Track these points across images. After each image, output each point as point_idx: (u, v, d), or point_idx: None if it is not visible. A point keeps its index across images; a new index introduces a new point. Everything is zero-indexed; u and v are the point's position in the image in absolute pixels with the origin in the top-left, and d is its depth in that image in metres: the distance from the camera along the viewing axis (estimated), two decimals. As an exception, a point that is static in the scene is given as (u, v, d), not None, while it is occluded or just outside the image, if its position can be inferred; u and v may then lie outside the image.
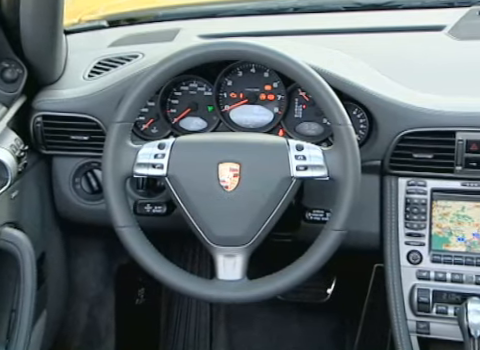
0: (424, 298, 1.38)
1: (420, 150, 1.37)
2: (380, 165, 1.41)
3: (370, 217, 1.45)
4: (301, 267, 1.24)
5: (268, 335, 2.06)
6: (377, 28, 1.68)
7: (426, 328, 1.40)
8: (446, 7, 1.73)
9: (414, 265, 1.41)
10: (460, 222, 1.38)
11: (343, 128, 1.23)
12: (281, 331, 2.05)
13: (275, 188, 1.23)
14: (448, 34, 1.59)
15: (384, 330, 1.45)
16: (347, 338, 1.97)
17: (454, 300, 1.37)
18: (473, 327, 1.27)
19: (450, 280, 1.38)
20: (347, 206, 1.22)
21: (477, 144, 1.33)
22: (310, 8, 1.83)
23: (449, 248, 1.39)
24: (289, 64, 1.24)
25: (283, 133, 1.50)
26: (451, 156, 1.35)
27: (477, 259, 1.37)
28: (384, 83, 1.43)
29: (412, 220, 1.41)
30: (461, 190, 1.38)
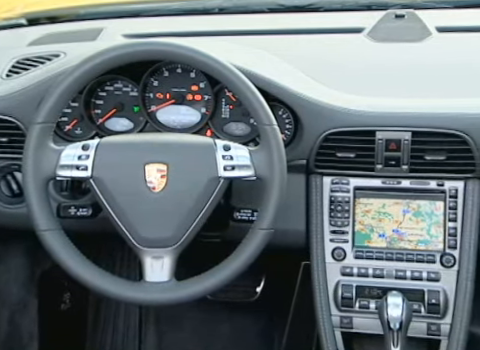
0: (348, 294, 1.42)
1: (343, 149, 1.40)
2: (306, 164, 1.43)
3: (296, 216, 1.47)
4: (229, 267, 1.25)
5: (198, 336, 2.06)
6: (300, 30, 1.72)
7: (349, 323, 1.43)
8: (365, 10, 1.79)
9: (338, 262, 1.44)
10: (381, 219, 1.43)
11: (269, 128, 1.24)
12: (211, 331, 2.05)
13: (203, 188, 1.23)
14: (367, 36, 1.64)
15: (311, 326, 1.48)
16: (275, 335, 1.99)
17: (375, 295, 1.41)
18: (392, 320, 1.31)
19: (372, 275, 1.42)
20: (273, 205, 1.23)
21: (396, 143, 1.37)
22: (235, 9, 1.84)
23: (371, 244, 1.43)
24: (214, 64, 1.24)
25: (211, 133, 1.50)
26: (372, 155, 1.39)
27: (397, 254, 1.42)
28: (308, 84, 1.45)
29: (336, 218, 1.44)
30: (381, 188, 1.42)
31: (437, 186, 1.40)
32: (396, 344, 1.30)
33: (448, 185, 1.39)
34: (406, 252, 1.41)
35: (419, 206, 1.40)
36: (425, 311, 1.39)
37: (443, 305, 1.39)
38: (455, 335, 1.39)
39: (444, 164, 1.37)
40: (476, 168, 1.36)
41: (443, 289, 1.39)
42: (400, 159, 1.37)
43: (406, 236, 1.41)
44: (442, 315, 1.39)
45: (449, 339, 1.39)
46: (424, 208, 1.40)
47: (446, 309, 1.39)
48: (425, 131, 1.36)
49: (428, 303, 1.39)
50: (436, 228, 1.40)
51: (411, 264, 1.41)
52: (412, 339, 1.38)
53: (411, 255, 1.41)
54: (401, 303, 1.33)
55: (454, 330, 1.39)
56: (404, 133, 1.36)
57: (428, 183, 1.40)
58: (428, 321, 1.40)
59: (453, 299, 1.39)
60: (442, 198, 1.40)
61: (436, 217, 1.40)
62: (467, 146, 1.34)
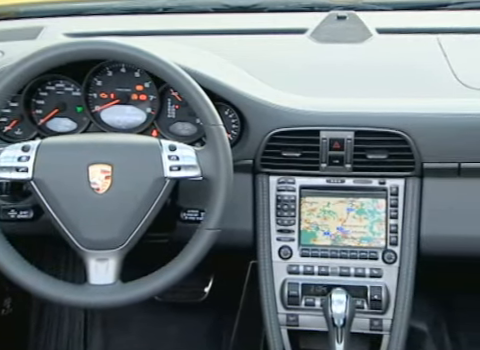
0: (294, 292, 1.43)
1: (289, 149, 1.41)
2: (252, 164, 1.44)
3: (243, 215, 1.47)
4: (176, 267, 1.24)
5: (145, 337, 2.04)
6: (244, 30, 1.72)
7: (295, 320, 1.45)
8: (307, 11, 1.81)
9: (285, 260, 1.46)
10: (326, 217, 1.45)
11: (215, 128, 1.24)
12: (158, 332, 2.04)
13: (148, 189, 1.22)
14: (310, 37, 1.66)
15: (259, 325, 1.49)
16: (224, 334, 2.00)
17: (321, 292, 1.43)
18: (336, 317, 1.33)
19: (317, 273, 1.44)
20: (220, 205, 1.24)
21: (339, 142, 1.39)
22: (179, 9, 1.83)
23: (316, 242, 1.45)
24: (158, 64, 1.23)
25: (157, 133, 1.49)
26: (316, 154, 1.41)
27: (341, 252, 1.44)
28: (253, 84, 1.46)
29: (283, 217, 1.45)
30: (326, 186, 1.44)
31: (379, 184, 1.43)
32: (340, 340, 1.33)
33: (389, 183, 1.43)
34: (350, 249, 1.44)
35: (362, 204, 1.43)
36: (368, 307, 1.42)
37: (385, 301, 1.41)
38: (396, 330, 1.42)
39: (385, 163, 1.40)
40: (415, 166, 1.40)
41: (385, 285, 1.42)
42: (343, 158, 1.40)
43: (350, 234, 1.44)
44: (384, 311, 1.42)
45: (390, 334, 1.42)
46: (367, 206, 1.43)
47: (388, 305, 1.42)
48: (367, 130, 1.38)
49: (371, 299, 1.41)
50: (378, 225, 1.43)
51: (355, 261, 1.43)
52: (355, 335, 1.40)
53: (355, 252, 1.43)
54: (345, 300, 1.35)
55: (395, 325, 1.42)
56: (347, 133, 1.38)
57: (370, 181, 1.43)
58: (371, 317, 1.42)
59: (394, 295, 1.42)
60: (384, 196, 1.43)
61: (378, 215, 1.43)
62: (407, 145, 1.38)
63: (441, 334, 1.88)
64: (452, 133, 1.37)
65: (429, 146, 1.38)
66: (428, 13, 1.74)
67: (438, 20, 1.69)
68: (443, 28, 1.63)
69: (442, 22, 1.67)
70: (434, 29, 1.62)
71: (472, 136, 1.37)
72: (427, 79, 1.48)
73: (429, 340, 1.84)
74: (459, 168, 1.39)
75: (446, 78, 1.47)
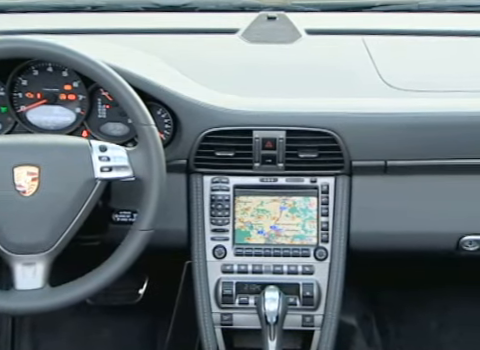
0: (228, 291, 1.44)
1: (222, 148, 1.42)
2: (186, 164, 1.43)
3: (177, 215, 1.46)
4: (108, 270, 1.22)
5: (76, 342, 2.00)
6: (176, 29, 1.71)
7: (229, 319, 1.45)
8: (238, 11, 1.82)
9: (219, 259, 1.46)
10: (259, 216, 1.46)
11: (146, 128, 1.23)
12: (91, 337, 2.00)
13: (78, 191, 1.20)
14: (241, 37, 1.67)
15: (194, 325, 1.48)
16: (158, 336, 1.98)
17: (254, 290, 1.44)
18: (269, 314, 1.34)
19: (251, 271, 1.45)
20: (153, 206, 1.23)
21: (272, 142, 1.41)
22: (108, 7, 1.80)
23: (250, 241, 1.46)
24: (86, 63, 1.21)
25: (87, 134, 1.46)
26: (250, 153, 1.42)
27: (274, 250, 1.45)
28: (186, 84, 1.46)
29: (217, 216, 1.45)
30: (260, 185, 1.46)
31: (310, 183, 1.45)
32: (273, 337, 1.34)
33: (320, 181, 1.45)
34: (283, 247, 1.45)
35: (295, 202, 1.45)
36: (300, 304, 1.44)
37: (316, 297, 1.44)
38: (327, 325, 1.45)
39: (316, 161, 1.42)
40: (345, 165, 1.43)
41: (316, 282, 1.45)
42: (276, 157, 1.41)
43: (283, 232, 1.46)
44: (315, 307, 1.44)
45: (322, 329, 1.45)
46: (299, 204, 1.45)
47: (319, 301, 1.44)
48: (298, 130, 1.40)
49: (303, 296, 1.43)
50: (310, 223, 1.45)
51: (288, 259, 1.45)
52: (288, 331, 1.42)
53: (288, 250, 1.45)
54: (278, 297, 1.36)
55: (326, 320, 1.44)
56: (279, 132, 1.40)
57: (302, 180, 1.45)
58: (303, 313, 1.44)
59: (325, 291, 1.45)
60: (315, 194, 1.45)
61: (310, 212, 1.45)
62: (336, 144, 1.41)
63: (370, 328, 1.93)
64: (378, 132, 1.41)
65: (357, 145, 1.41)
66: (354, 15, 1.79)
67: (364, 22, 1.73)
68: (369, 29, 1.67)
69: (368, 24, 1.71)
70: (360, 30, 1.67)
71: (397, 135, 1.41)
72: (354, 79, 1.52)
73: (359, 334, 1.88)
74: (385, 166, 1.43)
75: (372, 78, 1.51)
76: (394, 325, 1.94)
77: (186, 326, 1.76)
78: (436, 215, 1.47)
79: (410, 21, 1.72)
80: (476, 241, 1.48)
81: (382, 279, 1.93)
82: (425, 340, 1.90)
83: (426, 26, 1.67)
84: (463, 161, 1.43)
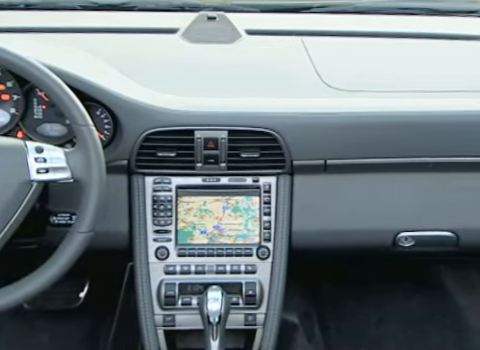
0: (171, 292, 1.43)
1: (163, 149, 1.41)
2: (127, 165, 1.42)
3: (119, 217, 1.45)
4: (45, 273, 1.20)
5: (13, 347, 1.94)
6: (114, 28, 1.69)
7: (172, 321, 1.45)
8: (178, 11, 1.81)
9: (162, 261, 1.45)
10: (202, 216, 1.46)
11: (85, 129, 1.21)
12: (28, 342, 1.94)
13: (13, 193, 1.17)
14: (181, 37, 1.66)
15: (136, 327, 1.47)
16: (101, 340, 1.94)
17: (197, 291, 1.44)
18: (212, 314, 1.34)
19: (194, 272, 1.45)
20: (92, 207, 1.21)
21: (214, 142, 1.41)
22: (43, 5, 1.76)
23: (193, 241, 1.46)
24: (19, 62, 1.18)
25: (23, 135, 1.42)
26: (192, 154, 1.41)
27: (217, 250, 1.46)
28: (125, 83, 1.44)
29: (159, 217, 1.44)
30: (202, 185, 1.45)
31: (253, 182, 1.46)
32: (215, 337, 1.34)
33: (262, 181, 1.46)
34: (226, 247, 1.46)
35: (237, 202, 1.46)
36: (243, 303, 1.44)
37: (259, 296, 1.45)
38: (269, 323, 1.46)
39: (258, 161, 1.43)
40: (286, 164, 1.44)
41: (259, 280, 1.46)
42: (218, 157, 1.41)
43: (226, 231, 1.46)
44: (258, 305, 1.45)
45: (264, 328, 1.46)
46: (242, 204, 1.46)
47: (261, 299, 1.46)
48: (239, 130, 1.41)
49: (246, 295, 1.44)
50: (253, 222, 1.46)
51: (230, 258, 1.46)
52: (231, 331, 1.42)
53: (230, 250, 1.46)
54: (220, 297, 1.36)
55: (268, 319, 1.46)
56: (221, 132, 1.40)
57: (245, 180, 1.46)
58: (245, 312, 1.45)
59: (268, 289, 1.46)
60: (257, 193, 1.46)
61: (253, 212, 1.46)
62: (277, 144, 1.42)
63: (311, 325, 1.96)
64: (318, 131, 1.43)
65: (297, 144, 1.43)
66: (293, 16, 1.81)
67: (303, 23, 1.76)
68: (307, 30, 1.70)
69: (306, 25, 1.74)
70: (299, 31, 1.69)
71: (336, 134, 1.43)
72: (294, 79, 1.53)
73: (300, 331, 1.91)
74: (325, 165, 1.45)
75: (311, 79, 1.53)
76: (334, 321, 1.97)
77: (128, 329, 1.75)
78: (374, 212, 1.51)
79: (347, 22, 1.75)
80: (411, 237, 1.53)
81: (323, 276, 1.97)
82: (364, 335, 1.95)
83: (363, 27, 1.70)
84: (399, 159, 1.47)
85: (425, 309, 1.94)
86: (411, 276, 1.94)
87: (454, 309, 1.93)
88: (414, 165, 1.47)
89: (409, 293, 1.97)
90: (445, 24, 1.74)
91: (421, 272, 1.94)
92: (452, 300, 1.93)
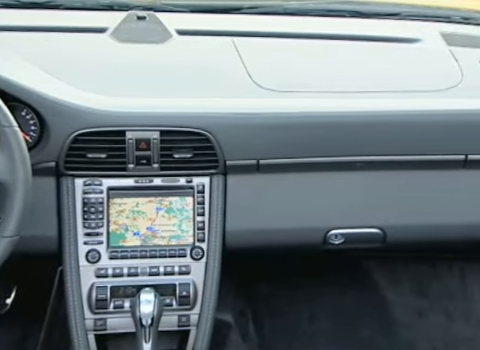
0: (102, 295, 1.41)
1: (94, 150, 1.38)
2: (55, 167, 1.38)
3: (47, 220, 1.41)
4: None
5: None
6: (40, 27, 1.63)
7: (103, 324, 1.42)
8: (106, 10, 1.77)
9: (93, 264, 1.42)
10: (135, 217, 1.44)
11: (8, 130, 1.18)
12: None
13: None
14: (110, 36, 1.63)
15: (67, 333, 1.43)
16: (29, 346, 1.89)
17: (130, 293, 1.42)
18: (144, 317, 1.33)
19: (127, 274, 1.43)
20: (17, 211, 1.17)
21: (146, 142, 1.39)
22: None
23: (126, 243, 1.44)
24: None
25: None
26: (123, 155, 1.39)
27: (150, 251, 1.44)
28: (52, 83, 1.40)
29: (90, 220, 1.42)
30: (135, 187, 1.44)
31: (186, 183, 1.46)
32: (148, 339, 1.33)
33: (196, 181, 1.46)
34: (159, 248, 1.45)
35: (171, 203, 1.45)
36: (176, 304, 1.44)
37: (193, 296, 1.45)
38: (203, 324, 1.46)
39: (191, 161, 1.43)
40: (219, 164, 1.45)
41: (193, 281, 1.46)
42: (151, 158, 1.40)
43: (159, 233, 1.45)
44: (192, 306, 1.45)
45: (197, 328, 1.46)
46: (175, 204, 1.45)
47: (195, 300, 1.46)
48: (172, 130, 1.40)
49: (179, 296, 1.44)
50: (187, 223, 1.46)
51: (164, 260, 1.45)
52: (164, 333, 1.41)
53: (164, 251, 1.45)
54: (153, 299, 1.36)
55: (202, 319, 1.46)
56: (153, 132, 1.39)
57: (178, 180, 1.45)
58: (179, 313, 1.45)
59: (201, 290, 1.46)
60: (191, 194, 1.46)
61: (186, 212, 1.46)
62: (210, 144, 1.42)
63: (246, 324, 1.97)
64: (250, 132, 1.44)
65: (230, 144, 1.44)
66: (224, 16, 1.81)
67: (233, 23, 1.76)
68: (238, 31, 1.70)
69: (237, 25, 1.74)
70: (230, 32, 1.69)
71: (267, 134, 1.45)
72: (225, 80, 1.54)
73: (234, 330, 1.92)
74: (258, 165, 1.47)
75: (242, 79, 1.54)
76: (269, 319, 2.00)
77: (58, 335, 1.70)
78: (305, 211, 1.54)
79: (277, 24, 1.77)
80: (341, 235, 1.57)
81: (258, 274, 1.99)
82: (298, 332, 1.98)
83: (292, 29, 1.73)
84: (328, 159, 1.50)
85: (355, 304, 1.99)
86: (342, 272, 1.99)
87: (382, 303, 1.99)
88: (343, 164, 1.51)
89: (340, 289, 2.01)
90: (371, 26, 1.79)
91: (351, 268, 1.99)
92: (380, 295, 1.99)
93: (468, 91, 1.54)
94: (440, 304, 1.94)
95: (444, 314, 1.95)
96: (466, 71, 1.58)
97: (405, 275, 1.97)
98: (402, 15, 1.81)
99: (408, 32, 1.74)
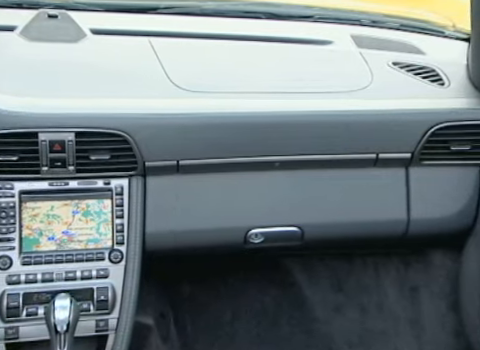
0: (14, 303, 1.36)
1: (4, 152, 1.34)
2: None
3: None
4: None
5: None
6: None
7: (15, 333, 1.38)
8: (15, 8, 1.71)
9: (4, 270, 1.37)
10: (50, 221, 1.40)
11: None
12: None
13: None
14: (20, 35, 1.58)
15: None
16: None
17: (44, 299, 1.39)
18: (59, 323, 1.31)
19: (41, 280, 1.39)
20: None
21: (60, 144, 1.36)
22: None
23: (40, 248, 1.40)
24: None
25: None
26: (36, 157, 1.35)
27: (67, 256, 1.41)
28: None
29: (1, 225, 1.37)
30: (49, 190, 1.40)
31: (104, 185, 1.43)
32: (62, 346, 1.30)
33: (114, 183, 1.44)
34: (76, 252, 1.41)
35: (88, 206, 1.42)
36: (94, 309, 1.41)
37: (111, 300, 1.43)
38: (122, 328, 1.44)
39: (109, 163, 1.41)
40: (138, 166, 1.43)
41: (111, 285, 1.43)
42: (66, 160, 1.37)
43: (76, 236, 1.42)
44: (110, 310, 1.43)
45: (116, 333, 1.44)
46: (93, 207, 1.42)
47: (114, 304, 1.43)
48: (87, 131, 1.37)
49: (97, 300, 1.41)
50: (105, 226, 1.43)
51: (81, 264, 1.42)
52: (81, 339, 1.39)
53: (81, 255, 1.42)
54: (69, 305, 1.33)
55: (121, 323, 1.44)
56: (67, 134, 1.36)
57: (95, 182, 1.42)
58: (97, 318, 1.42)
59: (120, 293, 1.44)
60: (109, 196, 1.43)
61: (105, 215, 1.43)
62: (128, 145, 1.40)
63: (167, 326, 1.95)
64: (169, 132, 1.44)
65: (149, 145, 1.42)
66: (139, 16, 1.79)
67: (150, 23, 1.75)
68: (154, 31, 1.69)
69: (154, 25, 1.73)
70: (146, 32, 1.68)
71: (187, 135, 1.45)
72: (143, 80, 1.52)
73: (155, 333, 1.89)
74: (178, 165, 1.46)
75: (160, 80, 1.53)
76: (191, 320, 1.99)
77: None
78: (225, 211, 1.55)
79: (194, 24, 1.77)
80: (261, 234, 1.59)
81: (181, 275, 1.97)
82: (219, 332, 1.98)
83: (209, 29, 1.73)
84: (247, 159, 1.51)
85: (276, 302, 2.02)
86: (263, 271, 2.01)
87: (302, 300, 2.02)
88: (262, 164, 1.53)
89: (262, 287, 2.03)
90: (285, 28, 1.82)
91: (272, 267, 2.01)
92: (300, 292, 2.03)
93: (378, 92, 1.59)
94: (356, 299, 2.00)
95: (359, 309, 2.00)
96: (376, 73, 1.64)
97: (323, 272, 2.02)
98: (315, 18, 1.85)
99: (321, 34, 1.79)
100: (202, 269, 1.92)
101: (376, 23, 1.88)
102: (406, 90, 1.61)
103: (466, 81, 1.63)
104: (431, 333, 1.92)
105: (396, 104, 1.56)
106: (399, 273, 1.97)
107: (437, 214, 1.65)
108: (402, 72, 1.65)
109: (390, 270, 1.98)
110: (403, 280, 1.97)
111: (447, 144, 1.56)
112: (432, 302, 1.92)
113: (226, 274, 2.00)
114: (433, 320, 1.92)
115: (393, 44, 1.78)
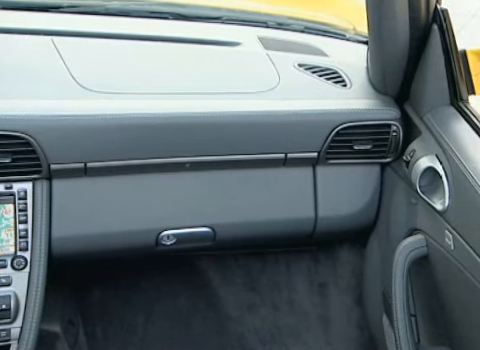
0: None
1: None
2: None
3: None
4: None
5: None
6: None
7: None
8: None
9: None
10: None
11: None
12: None
13: None
14: None
15: None
16: None
17: None
18: None
19: None
20: None
21: None
22: None
23: None
24: None
25: None
26: None
27: None
28: None
29: None
30: None
31: (5, 189, 1.38)
32: None
33: (17, 187, 1.39)
34: None
35: None
36: None
37: (14, 309, 1.38)
38: (25, 336, 1.40)
39: (10, 166, 1.36)
40: (43, 169, 1.39)
41: (14, 293, 1.38)
42: None
43: None
44: (13, 319, 1.38)
45: (19, 342, 1.39)
46: None
47: (17, 312, 1.39)
48: None
49: None
50: (7, 232, 1.38)
51: None
52: None
53: None
54: None
55: (24, 332, 1.39)
56: None
57: None
58: None
59: (24, 301, 1.39)
60: (11, 201, 1.38)
61: (6, 221, 1.38)
62: (31, 148, 1.36)
63: (76, 333, 1.90)
64: (75, 134, 1.40)
65: (54, 148, 1.38)
66: (41, 15, 1.73)
67: (52, 22, 1.69)
68: (58, 30, 1.64)
69: (56, 24, 1.68)
70: (49, 31, 1.62)
71: (93, 137, 1.42)
72: (46, 81, 1.48)
73: (62, 340, 1.84)
74: (85, 168, 1.43)
75: (64, 80, 1.48)
76: (102, 326, 1.94)
77: None
78: (136, 214, 1.53)
79: (98, 24, 1.73)
80: (173, 235, 1.58)
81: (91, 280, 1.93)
82: (132, 338, 1.95)
83: (114, 29, 1.70)
84: (156, 160, 1.50)
85: (190, 304, 2.02)
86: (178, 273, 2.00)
87: (216, 300, 2.03)
88: (172, 165, 1.52)
89: (176, 289, 2.02)
90: (193, 29, 1.82)
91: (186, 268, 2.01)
92: (214, 292, 2.03)
93: (285, 93, 1.62)
94: (268, 297, 2.03)
95: (272, 306, 2.03)
96: (282, 74, 1.67)
97: (237, 271, 2.03)
98: (223, 19, 1.86)
99: (229, 36, 1.80)
100: (113, 273, 1.89)
101: (281, 25, 1.91)
102: (312, 91, 1.65)
103: (366, 82, 1.68)
104: (338, 327, 1.98)
105: (303, 105, 1.59)
106: (310, 270, 2.01)
107: (342, 212, 1.70)
108: (307, 73, 1.69)
109: (301, 267, 2.02)
110: (313, 277, 2.01)
111: (350, 143, 1.61)
112: (339, 297, 1.98)
113: (138, 278, 1.97)
114: (340, 315, 1.98)
115: (298, 46, 1.81)
